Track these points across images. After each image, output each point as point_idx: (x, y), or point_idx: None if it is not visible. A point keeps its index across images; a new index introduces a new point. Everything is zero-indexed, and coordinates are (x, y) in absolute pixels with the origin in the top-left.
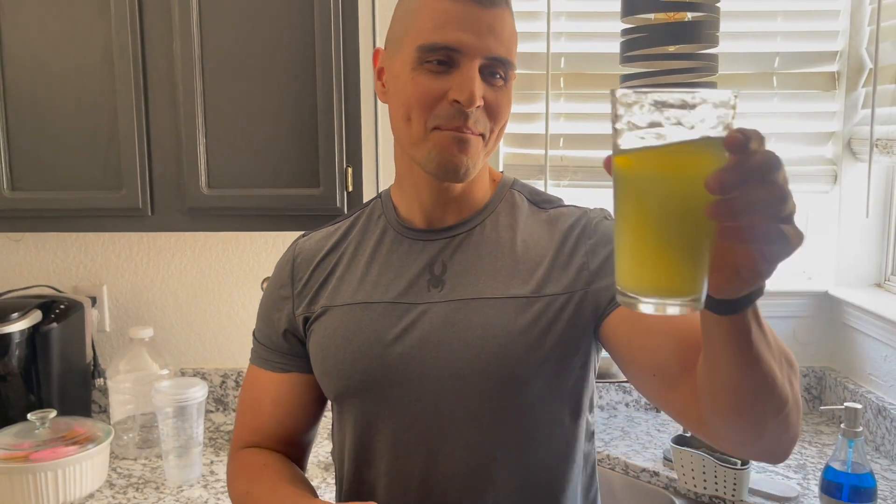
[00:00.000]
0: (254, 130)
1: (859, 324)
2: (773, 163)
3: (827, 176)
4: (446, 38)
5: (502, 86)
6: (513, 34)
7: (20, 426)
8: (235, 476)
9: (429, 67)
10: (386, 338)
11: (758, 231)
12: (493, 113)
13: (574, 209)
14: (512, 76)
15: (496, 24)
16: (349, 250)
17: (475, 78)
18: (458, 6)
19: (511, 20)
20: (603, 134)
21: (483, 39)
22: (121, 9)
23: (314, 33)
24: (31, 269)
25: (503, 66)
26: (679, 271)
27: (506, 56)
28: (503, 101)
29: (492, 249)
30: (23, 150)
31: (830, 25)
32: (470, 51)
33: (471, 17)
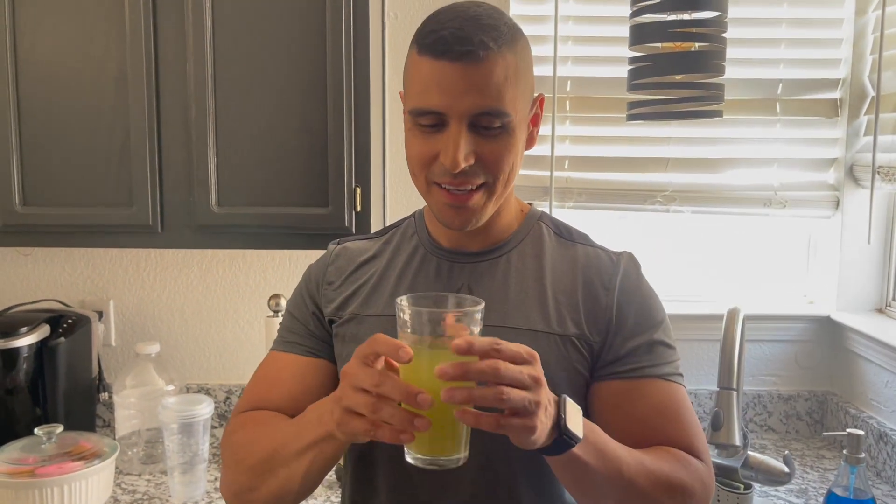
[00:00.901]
0: (264, 150)
1: (861, 349)
2: (492, 369)
3: (829, 202)
4: (430, 102)
5: (499, 134)
6: (506, 79)
7: (26, 440)
8: (238, 428)
9: (421, 129)
10: None
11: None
12: (490, 165)
13: (603, 254)
14: (511, 122)
15: (479, 78)
16: (382, 264)
17: (459, 141)
18: (438, 68)
19: (504, 64)
20: (608, 157)
21: (464, 98)
22: (136, 30)
23: (325, 56)
24: (39, 282)
25: (495, 117)
26: (442, 437)
27: (494, 107)
28: (500, 150)
29: (516, 279)
30: (35, 165)
31: (833, 53)
32: (453, 112)
33: (451, 78)
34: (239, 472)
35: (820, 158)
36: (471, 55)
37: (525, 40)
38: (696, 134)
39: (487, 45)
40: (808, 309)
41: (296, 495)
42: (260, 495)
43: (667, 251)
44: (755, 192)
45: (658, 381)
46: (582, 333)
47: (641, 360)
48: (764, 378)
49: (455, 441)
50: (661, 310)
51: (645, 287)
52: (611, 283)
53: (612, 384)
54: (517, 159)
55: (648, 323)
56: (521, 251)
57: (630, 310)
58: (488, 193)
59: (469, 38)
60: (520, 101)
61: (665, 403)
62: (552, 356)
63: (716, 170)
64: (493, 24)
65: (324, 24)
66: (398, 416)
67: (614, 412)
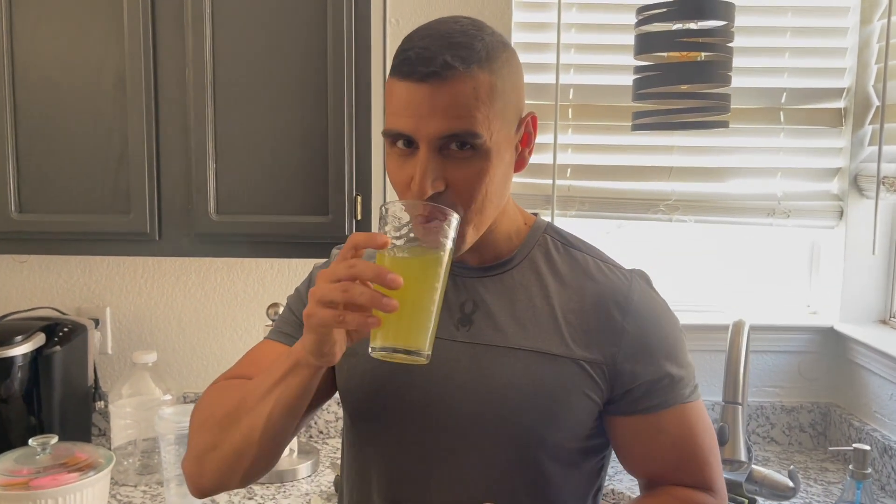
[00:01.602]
0: (264, 158)
1: (865, 360)
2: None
3: (833, 212)
4: (399, 125)
5: (470, 158)
6: (477, 99)
7: (21, 451)
8: (209, 392)
9: (397, 152)
10: (412, 369)
11: None
12: (460, 192)
13: (616, 270)
14: (484, 143)
15: (443, 99)
16: None
17: (426, 166)
18: (405, 89)
19: (473, 84)
20: (610, 166)
21: (430, 121)
22: (135, 35)
23: (326, 62)
24: (34, 290)
25: (463, 139)
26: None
27: (462, 128)
28: (471, 175)
29: (523, 298)
30: (32, 172)
31: (838, 63)
32: (420, 135)
33: (418, 100)
34: (203, 431)
35: (824, 168)
36: (434, 76)
37: (508, 58)
38: (700, 143)
39: (451, 66)
40: (811, 320)
41: (256, 451)
42: (220, 453)
43: (670, 260)
44: (759, 201)
45: (677, 409)
46: (594, 358)
47: (661, 392)
48: (767, 389)
49: (421, 331)
50: (677, 328)
51: (661, 307)
52: (625, 304)
53: (631, 420)
54: (495, 184)
55: (665, 347)
56: (526, 267)
57: (646, 334)
58: (463, 222)
59: (433, 58)
60: (497, 122)
61: (684, 434)
62: (561, 380)
63: (719, 179)
64: (464, 42)
65: (325, 30)
66: (367, 293)
67: (634, 447)
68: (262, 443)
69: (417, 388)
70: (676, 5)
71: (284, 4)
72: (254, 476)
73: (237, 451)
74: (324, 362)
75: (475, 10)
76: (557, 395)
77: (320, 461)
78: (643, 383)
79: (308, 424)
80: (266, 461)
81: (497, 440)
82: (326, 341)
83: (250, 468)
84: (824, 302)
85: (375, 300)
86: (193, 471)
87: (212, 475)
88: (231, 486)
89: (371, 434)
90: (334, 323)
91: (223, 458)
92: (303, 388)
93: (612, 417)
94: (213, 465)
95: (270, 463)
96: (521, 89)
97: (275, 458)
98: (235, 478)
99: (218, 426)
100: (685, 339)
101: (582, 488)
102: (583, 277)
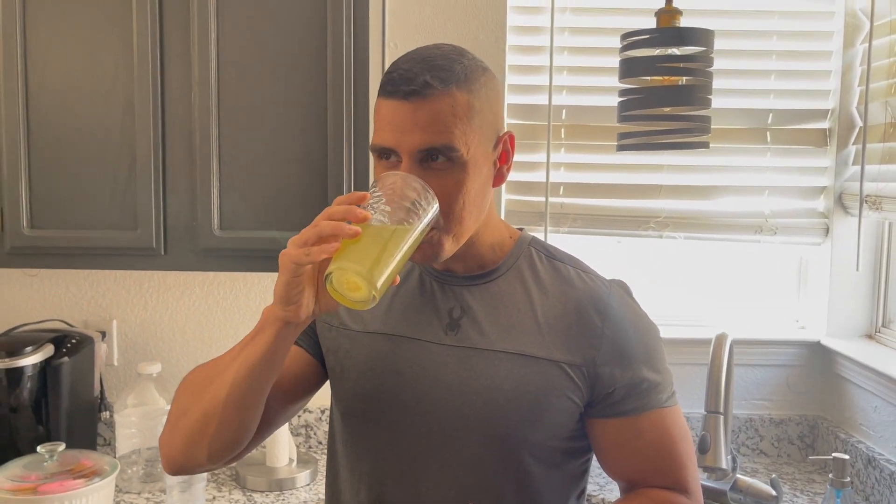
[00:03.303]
0: (265, 176)
1: (851, 374)
2: None
3: (819, 229)
4: (381, 139)
5: (447, 169)
6: (454, 116)
7: (29, 458)
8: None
9: (382, 165)
10: (402, 371)
11: None
12: (439, 201)
13: (596, 279)
14: (461, 157)
15: (423, 115)
16: None
17: None
18: (388, 107)
19: (450, 102)
20: (602, 184)
21: (411, 135)
22: (143, 58)
23: (326, 84)
24: (44, 302)
25: (441, 152)
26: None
27: (439, 142)
28: (449, 186)
29: (507, 304)
30: (43, 189)
31: (822, 85)
32: (402, 149)
33: (398, 115)
34: (178, 399)
35: (810, 187)
36: (415, 94)
37: (487, 80)
38: (689, 162)
39: (431, 85)
40: (799, 334)
41: (221, 414)
42: (189, 418)
43: (660, 276)
44: (746, 218)
45: (654, 413)
46: (574, 360)
47: (639, 396)
48: (756, 402)
49: (374, 261)
50: (655, 335)
51: (639, 314)
52: (604, 310)
53: (610, 423)
54: (472, 196)
55: (643, 353)
56: (511, 276)
57: (624, 339)
58: (441, 231)
59: (414, 78)
60: (474, 138)
61: (661, 438)
62: (543, 381)
63: (708, 197)
64: (443, 65)
65: (325, 54)
66: (333, 224)
67: (613, 450)
68: (227, 406)
69: (407, 389)
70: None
71: (286, 30)
72: (219, 452)
73: (204, 414)
74: (290, 312)
75: (471, 35)
76: (538, 396)
77: (319, 470)
78: (621, 387)
79: (296, 414)
80: (231, 433)
81: (482, 439)
82: (294, 283)
83: (215, 436)
84: (811, 317)
85: (338, 227)
86: (165, 440)
87: (180, 444)
88: (199, 458)
89: (361, 433)
90: (303, 257)
91: (191, 424)
92: (268, 346)
93: (592, 420)
94: (182, 431)
95: (236, 438)
96: (500, 110)
97: (241, 434)
98: (202, 449)
99: (190, 392)
100: (663, 347)
101: (565, 489)
102: (564, 285)
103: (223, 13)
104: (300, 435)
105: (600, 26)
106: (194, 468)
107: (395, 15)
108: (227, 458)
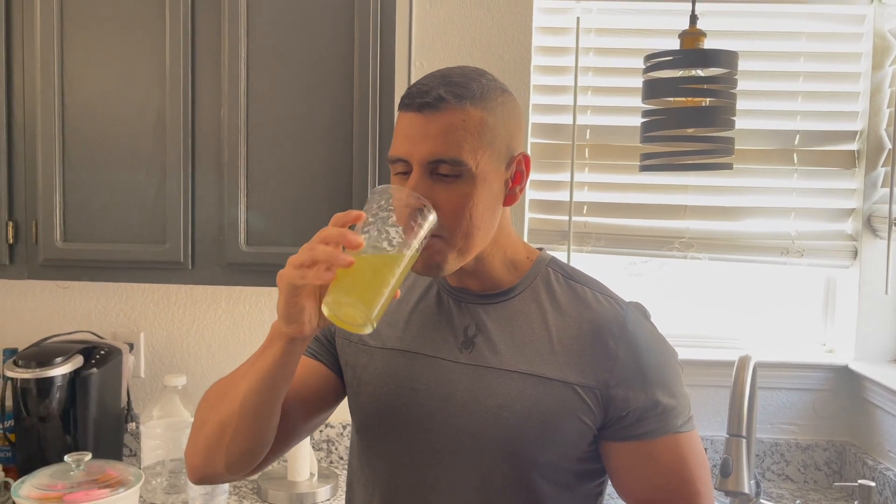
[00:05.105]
0: (292, 194)
1: (879, 399)
2: None
3: (847, 252)
4: (395, 149)
5: (454, 182)
6: (465, 131)
7: (56, 467)
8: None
9: (398, 178)
10: (418, 388)
11: None
12: (443, 212)
13: (613, 302)
14: (469, 171)
15: (434, 127)
16: (397, 298)
17: (415, 184)
18: (404, 119)
19: (463, 117)
20: (626, 203)
21: (421, 146)
22: (175, 78)
23: (352, 103)
24: (74, 314)
25: (450, 165)
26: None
27: (448, 155)
28: (456, 199)
29: (522, 324)
30: (77, 203)
31: (851, 106)
32: (413, 158)
33: (412, 127)
34: (199, 411)
35: (838, 209)
36: (428, 106)
37: (505, 101)
38: (715, 182)
39: (444, 99)
40: (826, 358)
41: (237, 423)
42: (208, 428)
43: (684, 297)
44: (773, 240)
45: (669, 438)
46: (587, 382)
47: (653, 420)
48: (782, 426)
49: (369, 292)
50: (671, 359)
51: (655, 337)
52: (620, 332)
53: (624, 446)
54: (479, 210)
55: (658, 376)
56: (528, 296)
57: (639, 361)
58: (446, 244)
59: (429, 91)
60: (485, 154)
61: (676, 463)
62: (555, 402)
63: (734, 218)
64: (461, 82)
65: (352, 71)
66: (328, 250)
67: (627, 473)
68: (241, 418)
69: (421, 406)
70: (682, 54)
71: (314, 50)
72: (237, 461)
73: (220, 424)
74: (293, 329)
75: (496, 55)
76: (550, 417)
77: (339, 485)
78: (635, 409)
79: (317, 428)
80: (246, 442)
81: (492, 458)
82: (293, 303)
83: (231, 446)
84: (839, 340)
85: (333, 255)
86: (188, 450)
87: (201, 453)
88: (217, 467)
89: (376, 448)
90: (298, 279)
91: (209, 434)
92: (276, 360)
93: (606, 443)
94: (201, 442)
95: (252, 448)
96: (516, 131)
97: (256, 444)
98: (220, 458)
99: (208, 404)
100: (680, 371)
101: None
102: (581, 307)
103: (253, 33)
104: (322, 450)
105: (624, 47)
106: (215, 477)
107: (421, 35)
108: (245, 468)
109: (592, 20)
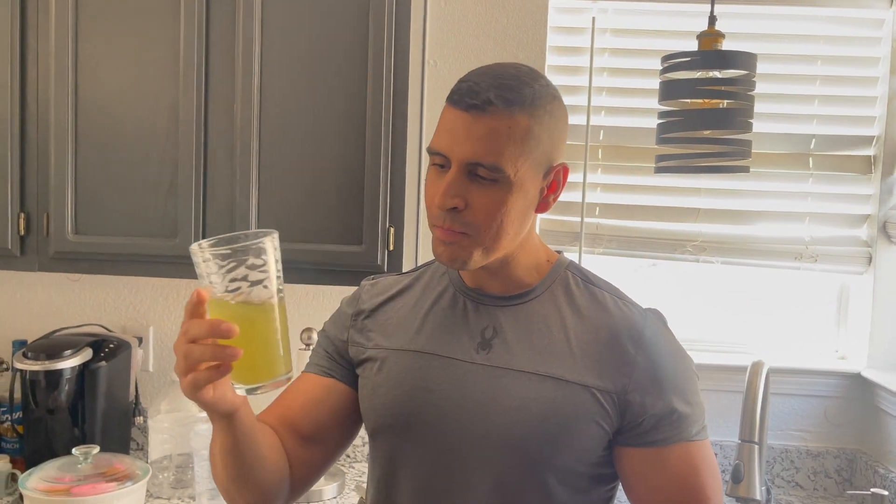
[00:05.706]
0: (303, 189)
1: (892, 408)
2: None
3: (862, 258)
4: (437, 143)
5: (491, 186)
6: (509, 138)
7: (64, 460)
8: None
9: (435, 169)
10: (433, 388)
11: None
12: (476, 213)
13: (632, 307)
14: (507, 178)
15: (479, 130)
16: (412, 300)
17: (452, 181)
18: (450, 114)
19: (509, 123)
20: (638, 205)
21: (463, 146)
22: (188, 72)
23: (366, 100)
24: (84, 307)
25: (488, 169)
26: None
27: (488, 160)
28: (490, 202)
29: (541, 326)
30: (88, 196)
31: (867, 111)
32: (453, 156)
33: (458, 125)
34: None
35: (852, 214)
36: (475, 108)
37: (553, 109)
38: (728, 186)
39: (492, 103)
40: (838, 365)
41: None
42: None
43: (698, 301)
44: (786, 245)
45: (682, 446)
46: (605, 387)
47: (668, 427)
48: (793, 433)
49: (271, 364)
50: (688, 367)
51: (673, 345)
52: (638, 338)
53: (637, 452)
54: (511, 216)
55: (675, 383)
56: (546, 299)
57: (657, 368)
58: (474, 242)
59: (480, 92)
60: (525, 162)
61: (688, 471)
62: (572, 405)
63: (747, 222)
64: (512, 86)
65: (365, 69)
66: (209, 351)
67: (639, 479)
68: (232, 480)
69: (435, 407)
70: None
71: (328, 47)
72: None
73: (224, 489)
74: (222, 411)
75: (510, 54)
76: (567, 420)
77: (346, 484)
78: (651, 416)
79: (352, 440)
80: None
81: (507, 459)
82: (204, 399)
83: (240, 497)
84: (852, 347)
85: (217, 355)
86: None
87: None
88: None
89: (390, 450)
90: (192, 384)
91: (224, 493)
92: (227, 435)
93: (619, 448)
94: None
95: (267, 492)
96: (560, 140)
97: (271, 486)
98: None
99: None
100: (696, 380)
101: None
102: (600, 311)
103: (267, 29)
104: None
105: (640, 48)
106: None
107: (435, 32)
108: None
109: (608, 20)
